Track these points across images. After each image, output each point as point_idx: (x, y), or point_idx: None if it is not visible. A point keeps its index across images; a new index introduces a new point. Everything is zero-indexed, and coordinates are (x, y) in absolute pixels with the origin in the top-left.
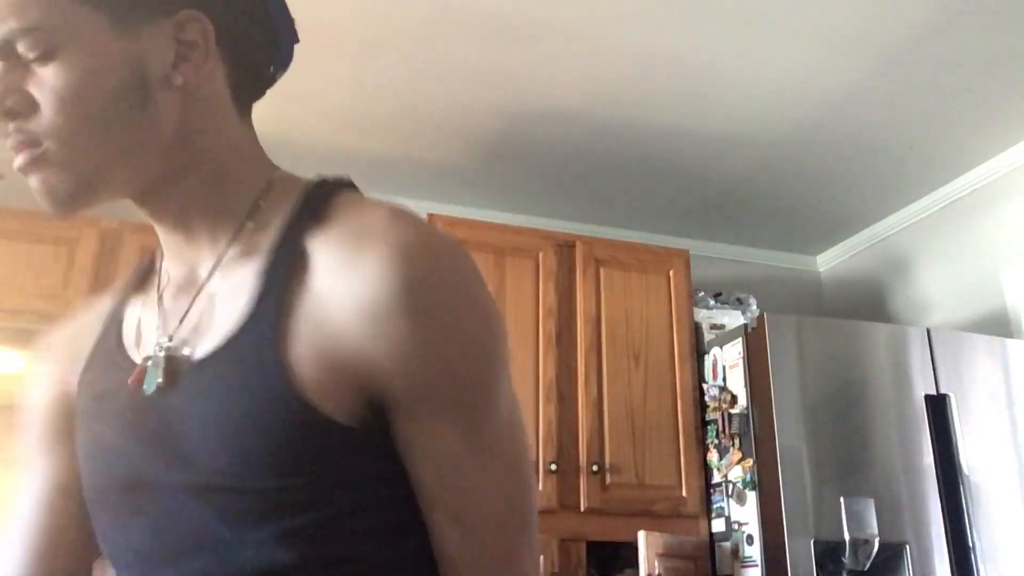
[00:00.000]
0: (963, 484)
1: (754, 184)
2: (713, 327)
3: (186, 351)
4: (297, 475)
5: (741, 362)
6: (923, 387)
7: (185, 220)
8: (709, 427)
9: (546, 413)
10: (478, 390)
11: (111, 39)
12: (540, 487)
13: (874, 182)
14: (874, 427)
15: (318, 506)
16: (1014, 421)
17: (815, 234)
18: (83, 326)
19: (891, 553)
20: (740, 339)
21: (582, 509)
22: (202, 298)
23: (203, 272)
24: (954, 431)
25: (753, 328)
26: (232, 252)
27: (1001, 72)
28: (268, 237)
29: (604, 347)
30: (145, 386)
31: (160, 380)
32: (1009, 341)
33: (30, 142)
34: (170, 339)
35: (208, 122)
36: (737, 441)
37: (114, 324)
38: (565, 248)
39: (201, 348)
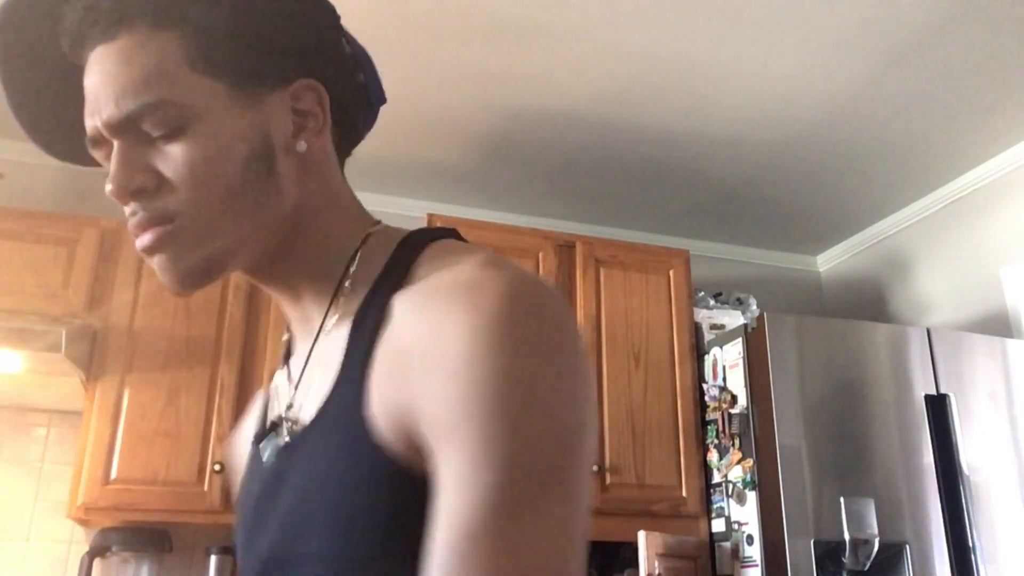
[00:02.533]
0: (963, 484)
1: (754, 184)
2: (713, 327)
3: (297, 419)
4: (389, 537)
5: (741, 362)
6: (923, 387)
7: (294, 285)
8: (709, 427)
9: None
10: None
11: (235, 109)
12: None
13: (874, 182)
14: (874, 427)
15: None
16: (1014, 421)
17: (815, 234)
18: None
19: (891, 553)
20: (740, 339)
21: None
22: (310, 364)
23: (312, 337)
24: (954, 431)
25: (753, 328)
26: (333, 315)
27: (1001, 72)
28: (358, 297)
29: (604, 347)
30: (264, 457)
31: (277, 448)
32: (1009, 341)
33: (159, 219)
34: (288, 408)
35: (321, 185)
36: (737, 441)
37: (266, 402)
38: (565, 248)
39: (306, 415)
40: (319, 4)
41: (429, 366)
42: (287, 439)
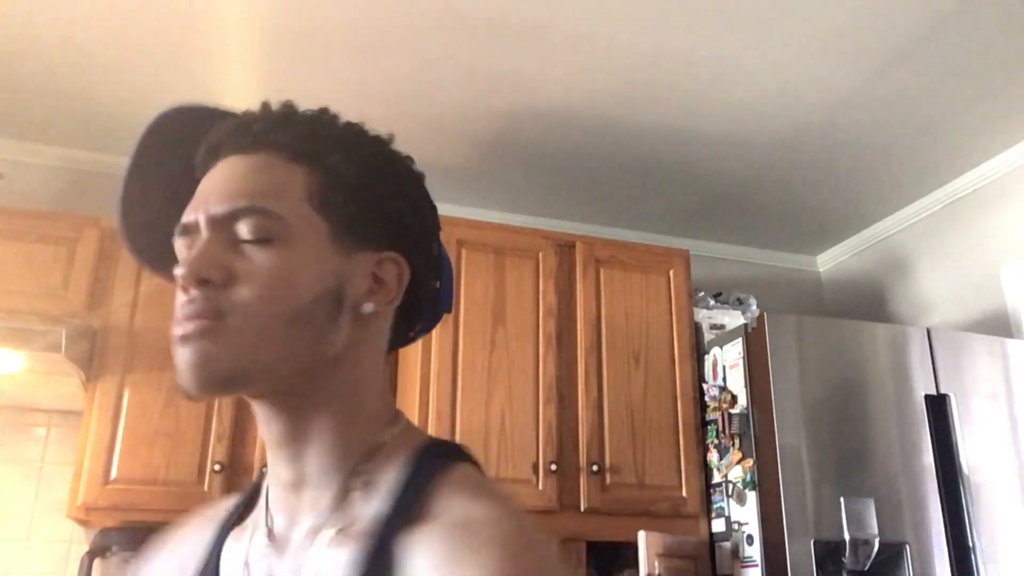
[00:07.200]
0: (963, 484)
1: (754, 184)
2: (713, 327)
3: None
4: None
5: (741, 362)
6: (923, 387)
7: (301, 454)
8: (709, 427)
9: (546, 413)
10: None
11: (329, 250)
12: (540, 487)
13: (874, 182)
14: (874, 427)
15: None
16: (1014, 421)
17: (815, 234)
18: (187, 549)
19: (891, 553)
20: (740, 339)
21: (582, 509)
22: (288, 564)
23: (298, 532)
24: (954, 431)
25: (753, 328)
26: (330, 522)
27: (1001, 73)
28: (364, 521)
29: (604, 347)
30: None
31: None
32: (1009, 341)
33: (212, 312)
34: None
35: (367, 355)
36: (737, 441)
37: (213, 557)
38: (565, 248)
39: None
40: (431, 206)
41: None
42: None
